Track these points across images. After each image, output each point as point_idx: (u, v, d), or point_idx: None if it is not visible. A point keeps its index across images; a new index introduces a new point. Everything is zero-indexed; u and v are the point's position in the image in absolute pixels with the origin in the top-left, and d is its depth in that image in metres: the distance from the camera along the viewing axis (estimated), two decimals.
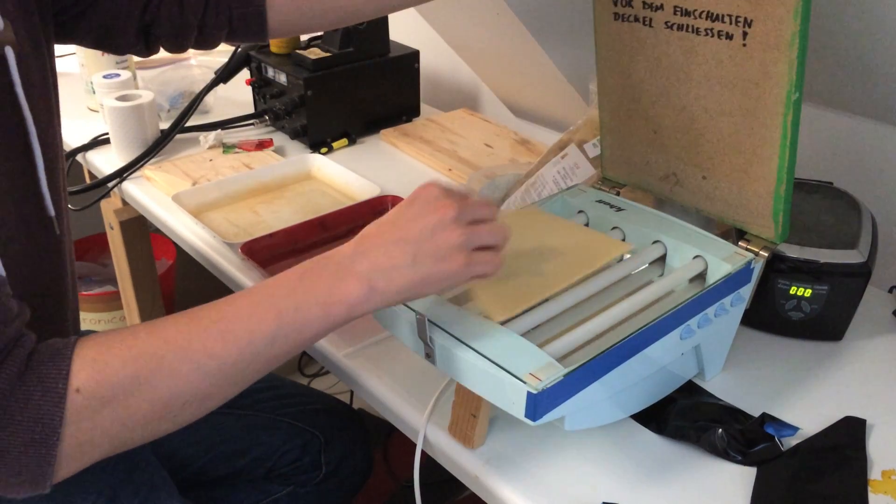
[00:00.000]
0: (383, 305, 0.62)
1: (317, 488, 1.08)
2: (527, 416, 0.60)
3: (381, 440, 1.73)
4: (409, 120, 1.42)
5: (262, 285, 0.62)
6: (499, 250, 0.64)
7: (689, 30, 0.75)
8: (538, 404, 0.60)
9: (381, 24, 1.33)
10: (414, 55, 1.37)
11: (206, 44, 0.89)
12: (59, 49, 1.78)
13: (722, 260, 0.74)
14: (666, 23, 0.76)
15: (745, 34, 0.70)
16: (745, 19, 0.70)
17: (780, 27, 0.68)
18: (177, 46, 0.88)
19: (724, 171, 0.78)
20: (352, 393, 1.68)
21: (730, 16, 0.71)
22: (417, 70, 1.39)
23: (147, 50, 0.88)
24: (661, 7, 0.76)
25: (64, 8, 0.81)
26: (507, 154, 1.29)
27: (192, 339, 0.58)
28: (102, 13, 0.83)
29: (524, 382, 0.60)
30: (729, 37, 0.72)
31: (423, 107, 1.45)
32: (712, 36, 0.73)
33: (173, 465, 0.96)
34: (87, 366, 0.55)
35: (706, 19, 0.73)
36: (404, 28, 1.47)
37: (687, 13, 0.74)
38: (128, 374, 0.56)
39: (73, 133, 1.38)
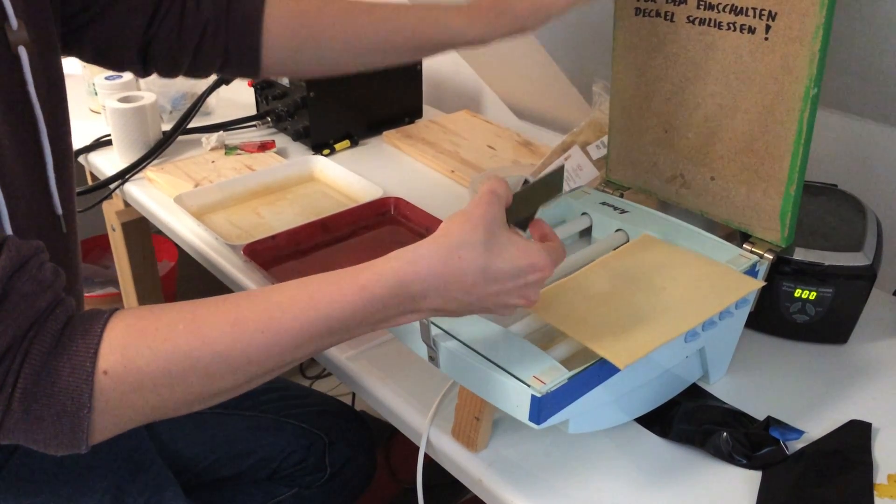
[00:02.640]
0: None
1: (321, 490, 1.08)
2: (531, 419, 0.60)
3: (383, 442, 1.73)
4: (411, 121, 1.42)
5: (319, 292, 0.58)
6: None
7: (711, 24, 0.75)
8: (542, 408, 0.59)
9: None
10: None
11: (199, 71, 0.88)
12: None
13: (727, 263, 0.74)
14: (688, 17, 0.77)
15: (767, 27, 0.71)
16: (770, 12, 0.70)
17: (804, 20, 0.68)
18: (170, 69, 0.88)
19: (734, 171, 0.78)
20: (353, 395, 1.68)
21: (754, 9, 0.71)
22: (420, 71, 1.39)
23: (144, 69, 0.88)
24: (685, 1, 0.76)
25: (71, 15, 0.80)
26: (509, 156, 1.29)
27: (234, 346, 0.55)
28: (108, 25, 0.83)
29: (528, 386, 0.59)
30: (751, 31, 0.72)
31: (426, 108, 1.44)
32: (734, 30, 0.74)
33: (178, 465, 0.96)
34: (117, 350, 0.54)
35: (730, 13, 0.73)
36: None
37: (711, 7, 0.74)
38: (159, 368, 0.54)
39: (75, 134, 1.37)
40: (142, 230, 1.42)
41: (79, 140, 1.35)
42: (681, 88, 0.81)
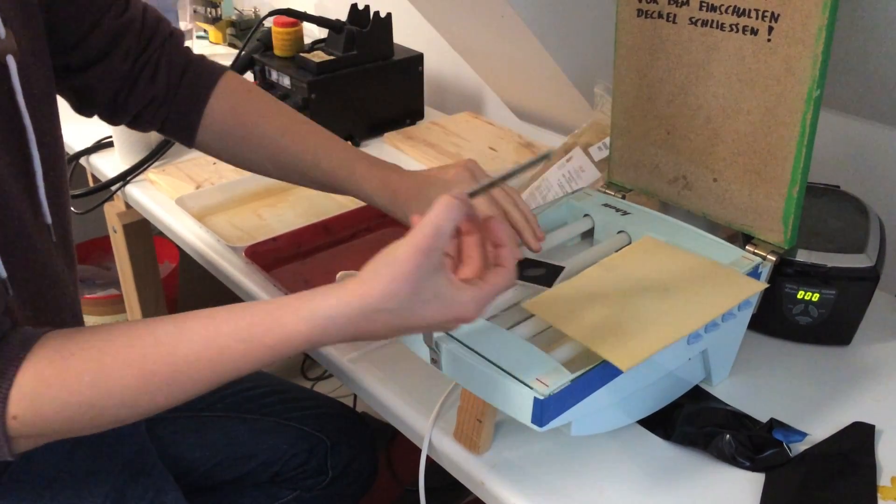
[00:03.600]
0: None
1: (323, 493, 1.08)
2: (533, 421, 0.60)
3: (385, 444, 1.73)
4: (412, 123, 1.42)
5: (229, 349, 0.58)
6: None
7: (714, 25, 0.75)
8: (545, 410, 0.59)
9: (385, 27, 1.33)
10: (418, 58, 1.37)
11: (138, 127, 0.92)
12: None
13: (729, 264, 0.74)
14: (690, 18, 0.77)
15: (770, 29, 0.71)
16: (773, 14, 0.70)
17: (807, 21, 0.68)
18: (109, 119, 0.91)
19: (737, 173, 0.78)
20: (355, 397, 1.68)
21: (757, 10, 0.71)
22: (421, 73, 1.39)
23: (84, 111, 0.90)
24: (687, 2, 0.76)
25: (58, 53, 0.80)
26: (511, 157, 1.29)
27: (140, 397, 0.58)
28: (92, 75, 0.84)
29: (531, 388, 0.59)
30: (754, 32, 0.72)
31: (427, 110, 1.44)
32: (737, 31, 0.73)
33: (179, 469, 0.96)
34: (27, 398, 0.56)
35: (732, 14, 0.73)
36: (408, 31, 1.47)
37: (713, 8, 0.74)
38: (66, 418, 0.57)
39: (76, 136, 1.37)
40: (143, 232, 1.41)
41: (80, 142, 1.35)
42: (683, 90, 0.81)
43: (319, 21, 1.31)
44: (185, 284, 1.93)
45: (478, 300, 0.57)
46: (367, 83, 1.32)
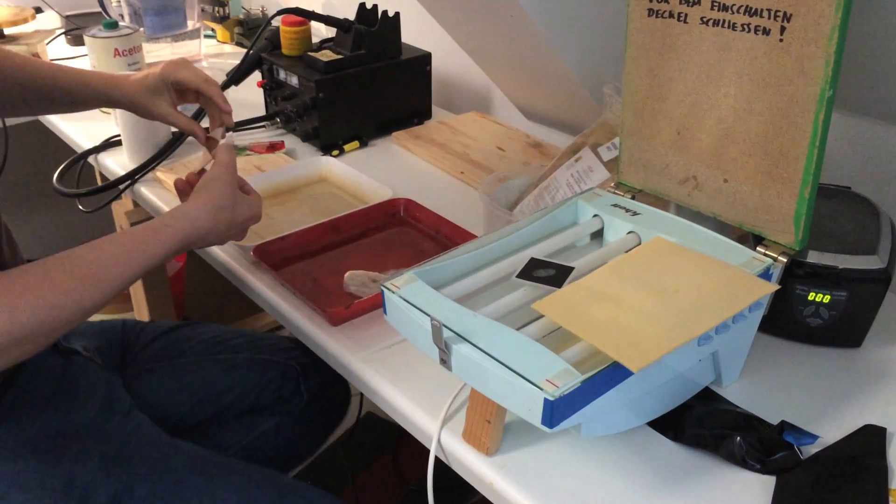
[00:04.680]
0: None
1: (302, 416, 1.14)
2: (543, 423, 0.60)
3: (391, 443, 1.72)
4: (420, 123, 1.42)
5: (136, 251, 0.79)
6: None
7: (725, 25, 0.74)
8: (555, 411, 0.59)
9: (393, 27, 1.33)
10: (426, 58, 1.37)
11: None
12: (71, 50, 1.79)
13: (740, 266, 0.73)
14: (702, 18, 0.76)
15: (783, 29, 0.70)
16: (785, 14, 0.70)
17: (819, 21, 0.67)
18: None
19: (748, 174, 0.78)
20: (361, 396, 1.67)
21: (769, 10, 0.71)
22: (429, 72, 1.38)
23: None
24: (699, 2, 0.76)
25: None
26: (519, 157, 1.29)
27: (82, 292, 0.75)
28: None
29: (541, 389, 0.59)
30: (766, 32, 0.72)
31: (435, 109, 1.44)
32: (749, 31, 0.73)
33: (162, 414, 1.02)
34: None
35: (744, 14, 0.73)
36: (416, 30, 1.46)
37: (725, 8, 0.74)
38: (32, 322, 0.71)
39: (85, 135, 1.38)
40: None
41: (88, 141, 1.35)
42: (694, 90, 0.80)
43: (327, 20, 1.31)
44: (191, 283, 1.93)
45: (258, 202, 0.92)
46: (374, 82, 1.32)
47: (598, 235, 0.86)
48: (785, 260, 0.76)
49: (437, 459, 0.73)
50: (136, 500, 0.86)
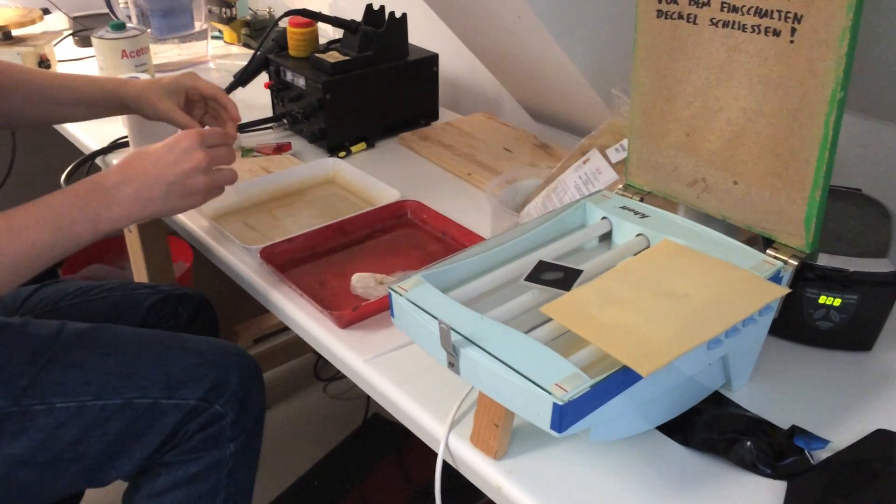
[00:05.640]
0: (138, 223, 0.90)
1: (185, 329, 1.20)
2: (552, 427, 0.59)
3: (397, 444, 1.72)
4: (427, 124, 1.41)
5: (45, 202, 0.81)
6: (233, 171, 0.93)
7: (735, 26, 0.74)
8: (564, 416, 0.58)
9: (400, 28, 1.32)
10: (433, 59, 1.36)
11: None
12: (79, 52, 1.79)
13: (750, 269, 0.73)
14: (711, 20, 0.76)
15: (793, 30, 0.70)
16: (795, 15, 0.69)
17: (830, 22, 0.67)
18: None
19: (758, 176, 0.77)
20: (368, 397, 1.67)
21: (779, 11, 0.70)
22: (436, 74, 1.38)
23: None
24: (708, 3, 0.75)
25: None
26: (526, 158, 1.28)
27: (4, 245, 0.77)
28: None
29: (550, 393, 0.58)
30: (776, 33, 0.71)
31: (442, 111, 1.44)
32: (759, 33, 0.72)
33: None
34: None
35: (754, 15, 0.72)
36: (423, 31, 1.46)
37: (735, 9, 0.73)
38: None
39: (92, 136, 1.38)
40: (158, 232, 1.42)
41: (96, 142, 1.35)
42: (703, 92, 0.80)
43: (335, 21, 1.31)
44: (199, 284, 1.93)
45: (207, 156, 0.88)
46: (381, 84, 1.32)
47: (606, 238, 0.85)
48: (795, 263, 0.76)
49: (444, 463, 0.73)
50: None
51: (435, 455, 0.74)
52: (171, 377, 0.96)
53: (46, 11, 1.87)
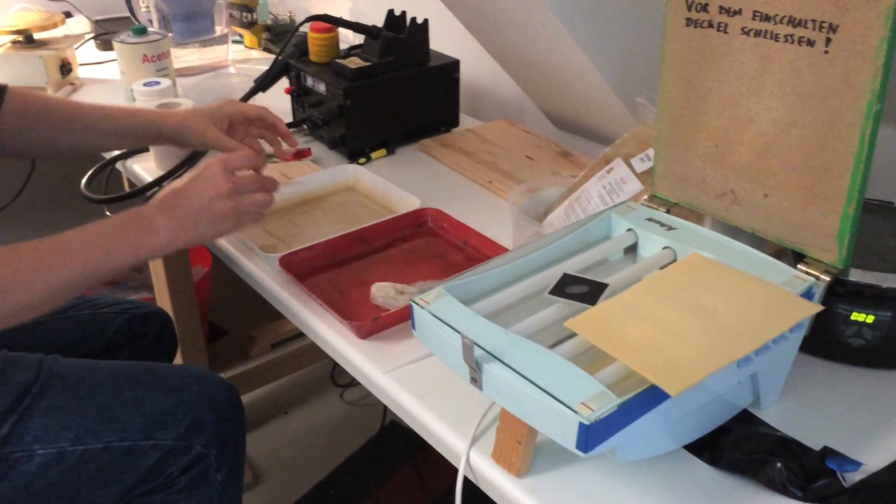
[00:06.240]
0: (178, 249, 0.89)
1: (148, 354, 1.24)
2: (578, 447, 0.58)
3: (414, 453, 1.71)
4: (447, 130, 1.40)
5: (91, 228, 0.85)
6: (267, 195, 0.93)
7: (768, 36, 0.72)
8: (590, 435, 0.57)
9: (422, 34, 1.31)
10: (454, 65, 1.35)
11: None
12: (100, 55, 1.79)
13: (781, 284, 0.71)
14: (742, 29, 0.74)
15: (828, 41, 0.68)
16: (830, 25, 0.67)
17: (867, 33, 0.65)
18: None
19: (789, 189, 0.75)
20: (385, 407, 1.66)
21: (814, 21, 0.68)
22: (457, 80, 1.37)
23: None
24: (739, 12, 0.73)
25: None
26: (548, 166, 1.27)
27: (55, 267, 0.82)
28: None
29: (576, 412, 0.57)
30: (810, 43, 0.69)
31: (462, 117, 1.42)
32: (792, 42, 0.71)
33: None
34: None
35: (787, 25, 0.70)
36: (442, 37, 1.45)
37: (767, 18, 0.72)
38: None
39: None
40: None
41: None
42: (733, 102, 0.78)
43: (356, 27, 1.30)
44: (216, 288, 1.93)
45: (231, 181, 0.90)
46: (402, 90, 1.31)
47: (631, 250, 0.84)
48: (828, 279, 0.74)
49: (456, 473, 0.72)
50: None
51: (452, 464, 0.73)
52: (149, 419, 0.98)
53: (68, 15, 1.88)
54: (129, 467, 0.96)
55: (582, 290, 0.72)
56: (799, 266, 0.75)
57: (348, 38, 1.54)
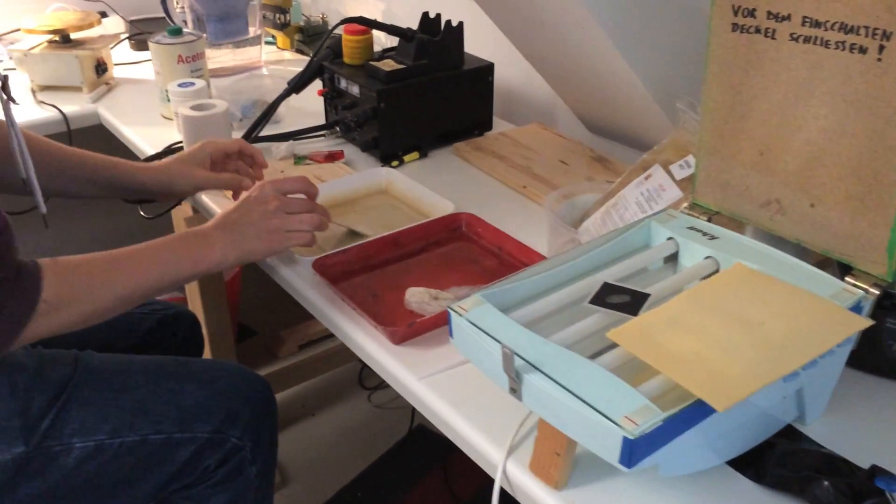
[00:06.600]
0: (231, 266, 0.94)
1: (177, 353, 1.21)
2: (621, 462, 0.56)
3: (442, 457, 1.70)
4: (480, 134, 1.39)
5: (152, 244, 0.90)
6: (315, 215, 0.95)
7: (818, 42, 0.70)
8: (634, 450, 0.56)
9: (457, 36, 1.30)
10: (488, 68, 1.34)
11: None
12: (134, 55, 1.80)
13: (829, 297, 0.69)
14: (791, 35, 0.72)
15: (881, 48, 0.66)
16: (884, 32, 0.65)
17: None
18: None
19: (837, 199, 0.73)
20: (413, 408, 1.65)
21: (866, 28, 0.66)
22: (491, 83, 1.36)
23: None
24: (789, 18, 0.72)
25: None
26: (583, 172, 1.25)
27: (113, 278, 0.87)
28: None
29: (620, 427, 0.56)
30: (862, 50, 0.67)
31: (495, 120, 1.41)
32: (843, 49, 0.69)
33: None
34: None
35: (839, 31, 0.68)
36: (474, 39, 1.44)
37: (817, 24, 0.70)
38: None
39: (147, 140, 1.38)
40: None
41: (151, 146, 1.36)
42: (780, 109, 0.76)
43: (391, 29, 1.30)
44: (246, 288, 1.93)
45: (278, 201, 0.94)
46: (436, 93, 1.30)
47: (671, 259, 0.82)
48: (877, 292, 0.72)
49: (485, 478, 0.71)
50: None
51: (482, 470, 0.72)
52: (184, 411, 0.98)
53: (104, 15, 1.90)
54: (165, 460, 0.97)
55: (623, 300, 0.71)
56: (846, 278, 0.73)
57: (380, 40, 1.54)
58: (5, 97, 0.90)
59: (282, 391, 1.86)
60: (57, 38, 1.63)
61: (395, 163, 1.28)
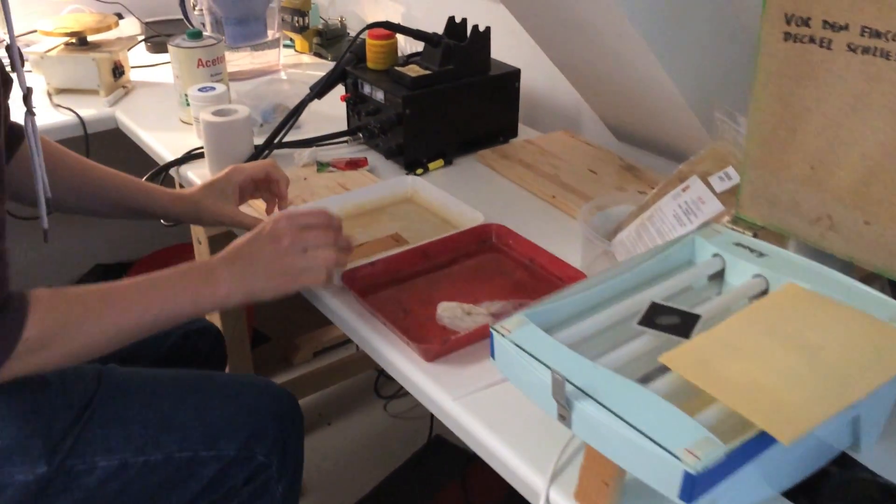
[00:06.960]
0: (236, 304, 0.88)
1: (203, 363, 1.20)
2: (681, 497, 0.53)
3: (461, 469, 1.67)
4: (505, 141, 1.36)
5: (151, 278, 0.84)
6: (333, 254, 0.88)
7: (877, 54, 0.67)
8: (696, 485, 0.53)
9: (483, 42, 1.28)
10: (515, 74, 1.31)
11: None
12: (150, 58, 1.78)
13: (888, 320, 0.66)
14: (849, 45, 0.69)
15: None
16: None
17: None
18: None
19: (894, 216, 0.70)
20: (432, 416, 1.62)
21: None
22: (517, 89, 1.33)
23: None
24: (846, 27, 0.69)
25: None
26: (613, 181, 1.22)
27: (104, 316, 0.82)
28: None
29: (680, 460, 0.53)
30: None
31: (520, 127, 1.38)
32: None
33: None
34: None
35: None
36: (498, 44, 1.41)
37: (877, 35, 0.67)
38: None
39: (167, 146, 1.36)
40: (228, 244, 1.39)
41: (171, 152, 1.33)
42: (835, 122, 0.73)
43: (416, 34, 1.27)
44: None
45: (293, 237, 0.87)
46: (462, 99, 1.27)
47: (717, 277, 0.79)
48: None
49: (506, 485, 0.68)
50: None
51: (501, 482, 0.69)
52: (210, 427, 0.95)
53: (119, 16, 1.87)
54: (190, 478, 0.94)
55: (673, 322, 0.68)
56: None
57: (400, 45, 1.51)
58: (27, 110, 0.86)
59: (297, 399, 1.83)
60: (74, 41, 1.60)
61: (419, 170, 1.26)
